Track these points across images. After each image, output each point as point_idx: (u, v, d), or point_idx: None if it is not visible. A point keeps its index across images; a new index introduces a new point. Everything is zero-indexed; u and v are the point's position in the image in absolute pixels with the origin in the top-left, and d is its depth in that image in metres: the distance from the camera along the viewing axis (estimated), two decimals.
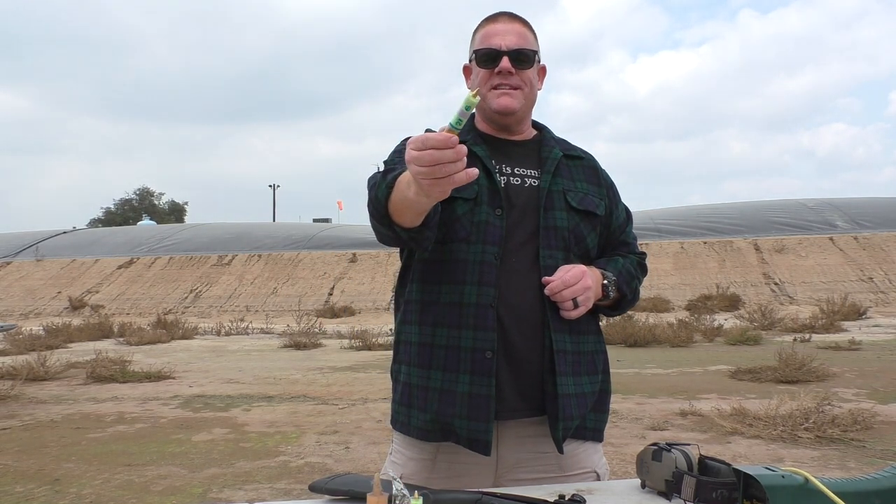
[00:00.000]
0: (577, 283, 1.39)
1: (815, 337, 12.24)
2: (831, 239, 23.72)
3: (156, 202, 64.46)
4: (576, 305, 1.40)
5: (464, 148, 1.08)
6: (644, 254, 1.64)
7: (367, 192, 1.38)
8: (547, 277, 1.41)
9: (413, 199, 1.19)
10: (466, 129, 1.55)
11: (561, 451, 1.40)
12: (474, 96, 1.05)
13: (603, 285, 1.47)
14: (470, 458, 1.41)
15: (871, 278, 21.10)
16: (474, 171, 1.11)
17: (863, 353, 10.19)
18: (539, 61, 1.54)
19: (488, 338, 1.38)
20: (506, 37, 1.47)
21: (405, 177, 1.22)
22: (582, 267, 1.43)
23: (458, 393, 1.39)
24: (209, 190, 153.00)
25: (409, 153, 1.09)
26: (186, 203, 67.16)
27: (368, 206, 1.35)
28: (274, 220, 50.00)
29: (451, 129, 1.07)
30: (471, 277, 1.41)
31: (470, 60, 1.55)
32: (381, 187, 1.29)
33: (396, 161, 1.47)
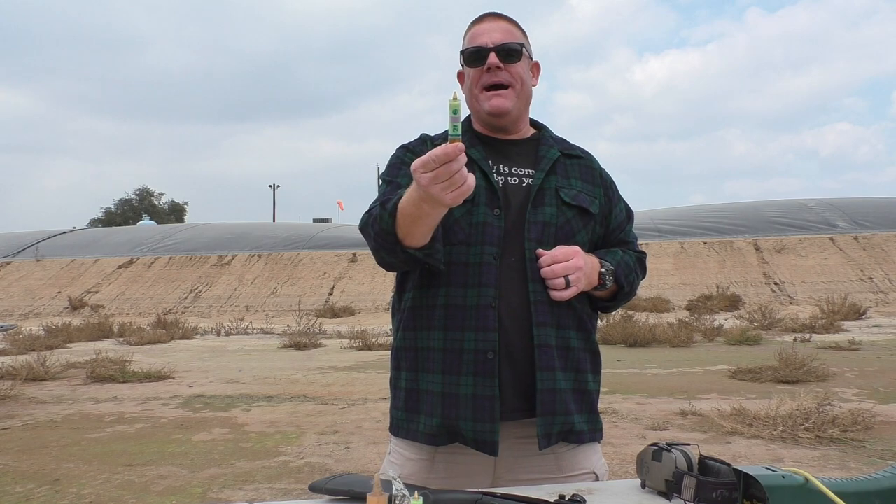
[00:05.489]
0: (567, 260, 1.39)
1: (816, 337, 12.24)
2: (831, 239, 23.73)
3: (156, 202, 64.48)
4: (567, 285, 1.39)
5: (464, 157, 1.15)
6: (644, 253, 1.62)
7: (364, 231, 1.41)
8: (540, 250, 1.41)
9: (429, 212, 1.25)
10: (463, 131, 1.55)
11: (541, 447, 1.39)
12: (454, 100, 1.12)
13: (600, 273, 1.45)
14: (468, 459, 1.41)
15: (871, 278, 21.10)
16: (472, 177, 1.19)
17: (863, 353, 10.19)
18: (530, 57, 1.55)
19: (489, 339, 1.38)
20: (491, 34, 1.49)
21: (408, 199, 1.26)
22: (574, 247, 1.42)
23: (461, 395, 1.38)
24: (209, 190, 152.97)
25: (424, 176, 1.15)
26: (186, 203, 67.21)
27: (374, 240, 1.36)
28: (274, 220, 49.99)
29: (454, 138, 1.12)
30: (472, 280, 1.40)
31: (462, 66, 1.56)
32: (384, 218, 1.32)
33: (396, 174, 1.49)
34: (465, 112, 1.62)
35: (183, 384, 8.51)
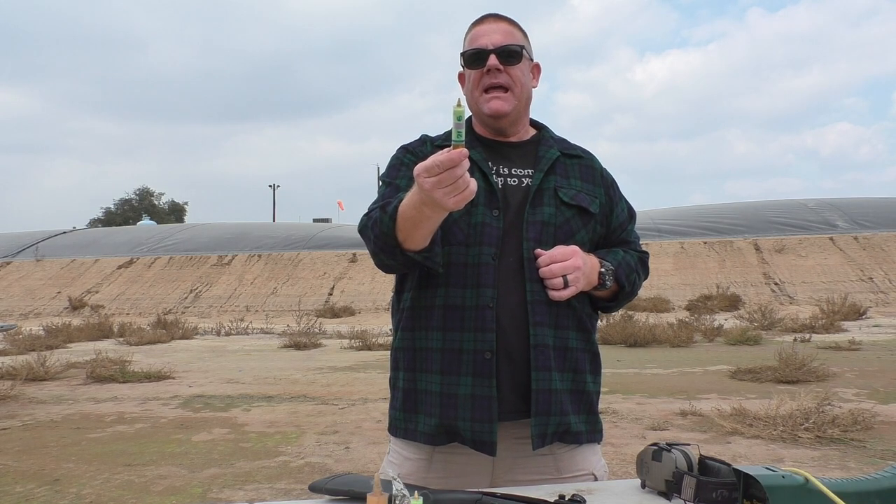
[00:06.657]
0: (565, 260, 1.39)
1: (816, 337, 12.24)
2: (831, 239, 23.74)
3: (156, 202, 64.49)
4: (566, 285, 1.39)
5: (467, 162, 1.17)
6: (646, 253, 1.62)
7: (363, 233, 1.41)
8: (539, 250, 1.41)
9: (429, 215, 1.26)
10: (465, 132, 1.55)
11: (534, 447, 1.39)
12: (458, 106, 1.13)
13: (600, 273, 1.45)
14: (467, 459, 1.41)
15: (871, 278, 21.11)
16: (473, 182, 1.21)
17: (863, 353, 10.19)
18: (531, 59, 1.54)
19: (487, 339, 1.38)
20: (492, 36, 1.48)
21: (408, 202, 1.27)
22: (573, 247, 1.42)
23: (459, 395, 1.38)
24: (209, 190, 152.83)
25: (427, 181, 1.17)
26: (186, 203, 67.24)
27: (374, 243, 1.37)
28: (274, 220, 49.99)
29: (457, 143, 1.14)
30: (471, 280, 1.40)
31: (462, 67, 1.56)
32: (384, 221, 1.32)
33: (395, 176, 1.50)
34: (466, 114, 1.62)
35: (183, 384, 8.51)
